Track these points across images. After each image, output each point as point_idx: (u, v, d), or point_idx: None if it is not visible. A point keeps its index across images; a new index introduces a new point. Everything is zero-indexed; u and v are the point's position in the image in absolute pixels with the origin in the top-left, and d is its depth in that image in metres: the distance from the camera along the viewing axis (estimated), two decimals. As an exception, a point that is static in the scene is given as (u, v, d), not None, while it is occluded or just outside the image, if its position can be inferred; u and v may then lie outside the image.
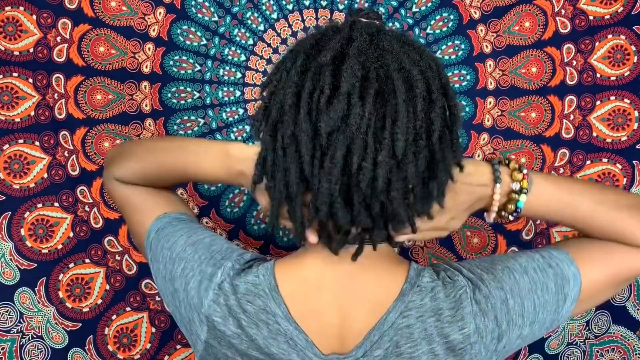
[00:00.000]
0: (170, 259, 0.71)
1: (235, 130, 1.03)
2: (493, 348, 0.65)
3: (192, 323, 0.68)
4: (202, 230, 0.75)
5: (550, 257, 0.68)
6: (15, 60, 0.96)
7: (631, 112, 1.05)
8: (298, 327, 0.64)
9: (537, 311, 0.66)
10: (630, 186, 1.06)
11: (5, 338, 0.98)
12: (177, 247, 0.72)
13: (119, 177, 0.81)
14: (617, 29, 1.03)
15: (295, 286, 0.66)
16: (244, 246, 1.05)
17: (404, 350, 0.63)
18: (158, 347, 1.04)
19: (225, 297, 0.65)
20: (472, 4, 1.03)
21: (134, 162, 0.81)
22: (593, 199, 0.70)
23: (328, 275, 0.66)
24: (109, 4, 0.98)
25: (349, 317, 0.65)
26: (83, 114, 0.99)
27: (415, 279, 0.65)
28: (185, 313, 0.69)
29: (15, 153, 0.97)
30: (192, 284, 0.68)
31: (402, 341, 0.63)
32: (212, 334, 0.66)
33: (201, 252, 0.70)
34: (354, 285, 0.65)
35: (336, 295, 0.65)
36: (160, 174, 0.79)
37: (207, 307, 0.65)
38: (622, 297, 1.08)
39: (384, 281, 0.66)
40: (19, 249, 0.98)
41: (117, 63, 0.99)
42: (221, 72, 1.02)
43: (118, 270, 1.02)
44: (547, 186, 0.69)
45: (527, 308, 0.65)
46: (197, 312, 0.67)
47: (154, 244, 0.75)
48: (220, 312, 0.65)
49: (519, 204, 0.67)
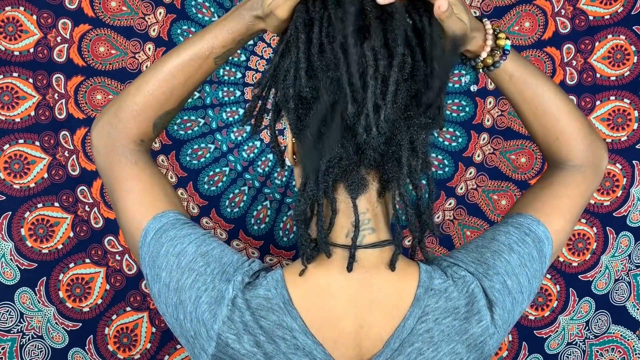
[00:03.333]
0: (178, 267, 0.69)
1: (235, 130, 1.03)
2: (504, 333, 0.67)
3: (197, 337, 0.66)
4: (208, 237, 0.73)
5: (521, 225, 0.70)
6: (16, 60, 0.96)
7: (631, 112, 1.05)
8: (316, 341, 0.63)
9: (531, 282, 0.68)
10: (630, 186, 1.06)
11: (5, 338, 0.98)
12: (186, 256, 0.69)
13: (125, 118, 0.73)
14: (617, 29, 1.03)
15: (309, 296, 0.65)
16: (244, 246, 1.05)
17: (427, 356, 0.63)
18: (158, 347, 1.04)
19: (240, 314, 0.64)
20: (472, 4, 1.03)
21: (147, 84, 0.73)
22: (551, 86, 0.73)
23: (341, 281, 0.65)
24: (109, 4, 0.98)
25: (366, 323, 0.65)
26: (83, 114, 0.99)
27: (428, 282, 0.65)
28: (191, 326, 0.67)
29: (15, 153, 0.97)
30: (204, 299, 0.66)
31: (424, 347, 0.63)
32: (223, 351, 0.65)
33: (213, 265, 0.68)
34: (368, 291, 0.65)
35: (351, 302, 0.65)
36: (185, 71, 0.72)
37: (220, 324, 0.64)
38: (622, 297, 1.08)
39: (398, 284, 0.65)
40: (19, 249, 0.98)
41: (118, 63, 0.99)
42: (221, 72, 1.02)
43: (118, 270, 1.02)
44: (519, 57, 0.72)
45: (523, 282, 0.68)
46: (205, 328, 0.65)
47: (154, 246, 0.72)
48: (234, 329, 0.64)
49: (506, 46, 0.68)
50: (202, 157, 1.03)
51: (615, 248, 1.08)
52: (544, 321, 1.09)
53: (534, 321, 1.09)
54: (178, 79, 0.73)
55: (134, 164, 0.73)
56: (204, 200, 1.03)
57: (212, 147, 1.03)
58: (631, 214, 1.07)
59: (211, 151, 1.03)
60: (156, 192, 0.74)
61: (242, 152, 1.04)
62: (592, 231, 1.08)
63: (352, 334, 0.65)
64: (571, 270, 1.08)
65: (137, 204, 0.73)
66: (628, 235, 1.07)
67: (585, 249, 1.08)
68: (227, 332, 0.64)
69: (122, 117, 0.73)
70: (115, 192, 0.74)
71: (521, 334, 1.09)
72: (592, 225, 1.08)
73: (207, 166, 1.03)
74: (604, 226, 1.07)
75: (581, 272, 1.08)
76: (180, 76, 0.72)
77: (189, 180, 1.03)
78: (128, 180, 0.73)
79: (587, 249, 1.08)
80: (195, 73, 0.73)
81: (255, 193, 1.05)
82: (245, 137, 1.04)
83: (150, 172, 0.74)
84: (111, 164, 0.74)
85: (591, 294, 1.08)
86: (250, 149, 1.04)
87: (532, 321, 1.09)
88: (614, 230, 1.07)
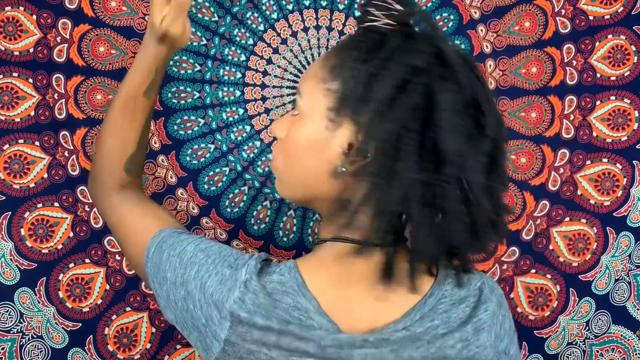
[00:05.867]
0: (180, 264, 0.70)
1: (235, 130, 1.03)
2: (495, 350, 0.69)
3: (209, 323, 0.67)
4: (206, 238, 0.76)
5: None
6: (15, 60, 0.96)
7: (631, 112, 1.05)
8: (331, 320, 0.65)
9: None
10: (630, 186, 1.06)
11: (5, 338, 0.98)
12: (187, 254, 0.71)
13: (111, 172, 0.83)
14: (617, 29, 1.03)
15: (325, 282, 0.67)
16: (244, 246, 1.05)
17: (440, 333, 0.66)
18: (158, 347, 1.04)
19: (254, 296, 0.65)
20: (472, 4, 1.03)
21: (101, 140, 0.83)
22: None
23: (358, 268, 0.67)
24: (109, 4, 0.98)
25: (386, 303, 0.67)
26: (83, 114, 0.99)
27: (445, 272, 0.70)
28: (202, 313, 0.67)
29: (15, 153, 0.97)
30: (209, 283, 0.67)
31: (441, 325, 0.66)
32: (235, 331, 0.65)
33: (214, 257, 0.70)
34: (388, 273, 0.67)
35: (369, 286, 0.67)
36: (125, 115, 0.81)
37: (232, 303, 0.65)
38: (622, 297, 1.08)
39: (418, 268, 0.68)
40: (19, 249, 0.98)
41: (118, 63, 0.99)
42: (221, 72, 1.02)
43: (118, 270, 1.02)
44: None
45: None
46: (217, 309, 0.66)
47: (156, 257, 0.74)
48: (246, 309, 0.65)
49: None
50: (202, 157, 1.03)
51: (616, 248, 1.08)
52: (544, 321, 1.09)
53: (534, 321, 1.09)
54: (122, 126, 0.81)
55: (120, 206, 0.82)
56: (204, 200, 1.03)
57: (212, 147, 1.03)
58: (631, 214, 1.07)
59: (211, 151, 1.03)
60: (149, 220, 0.80)
61: (242, 152, 1.04)
62: (592, 231, 1.08)
63: (369, 318, 0.67)
64: (571, 270, 1.08)
65: (134, 235, 0.80)
66: (628, 235, 1.07)
67: (585, 249, 1.08)
68: (240, 310, 0.65)
69: (95, 176, 0.85)
70: (115, 233, 0.85)
71: (521, 334, 1.09)
72: (592, 225, 1.08)
73: (207, 166, 1.03)
74: (604, 226, 1.07)
75: (581, 272, 1.08)
76: (122, 122, 0.83)
77: (189, 180, 1.03)
78: (121, 219, 0.82)
79: (587, 249, 1.08)
80: (134, 113, 0.81)
81: (255, 193, 1.05)
82: (245, 137, 1.04)
83: (138, 205, 0.83)
84: (104, 211, 0.85)
85: (591, 294, 1.08)
86: (250, 149, 1.04)
87: (532, 321, 1.09)
88: (614, 230, 1.07)
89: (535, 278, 1.08)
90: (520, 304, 1.09)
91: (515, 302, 1.09)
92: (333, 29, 1.04)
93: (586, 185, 1.07)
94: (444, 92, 0.61)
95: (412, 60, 0.62)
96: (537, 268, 1.08)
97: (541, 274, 1.08)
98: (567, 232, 1.08)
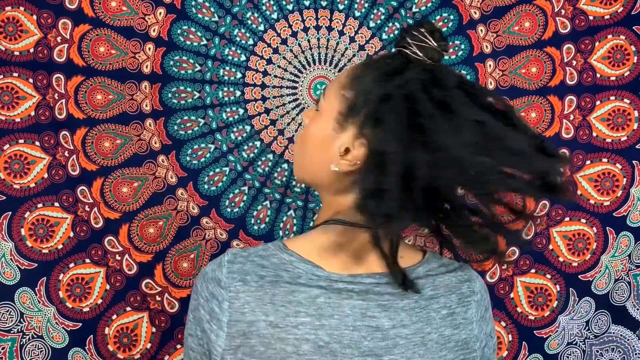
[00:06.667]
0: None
1: (235, 130, 1.04)
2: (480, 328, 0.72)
3: (211, 316, 0.67)
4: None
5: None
6: (16, 60, 0.96)
7: (631, 112, 1.05)
8: (316, 265, 0.68)
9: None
10: (630, 186, 1.06)
11: (5, 338, 0.98)
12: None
13: None
14: (617, 29, 1.03)
15: (308, 249, 0.70)
16: (243, 246, 1.05)
17: (427, 293, 0.70)
18: (158, 347, 1.04)
19: (240, 265, 0.67)
20: (472, 4, 1.03)
21: None
22: None
23: (346, 240, 0.70)
24: (109, 4, 0.98)
25: (372, 267, 0.70)
26: (83, 114, 0.99)
27: (433, 250, 0.77)
28: (204, 311, 0.68)
29: (15, 153, 0.97)
30: (202, 312, 0.68)
31: (429, 287, 0.70)
32: (236, 308, 0.66)
33: (191, 322, 0.72)
34: (376, 245, 0.69)
35: (356, 255, 0.70)
36: None
37: (225, 281, 0.67)
38: (622, 297, 1.08)
39: (405, 245, 0.73)
40: (19, 249, 0.98)
41: (118, 63, 0.99)
42: (221, 72, 1.02)
43: (118, 270, 1.02)
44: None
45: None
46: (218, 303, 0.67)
47: None
48: (237, 277, 0.67)
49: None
50: (202, 157, 1.03)
51: (615, 248, 1.08)
52: (544, 321, 1.09)
53: (534, 321, 1.09)
54: None
55: None
56: (204, 200, 1.03)
57: (212, 147, 1.03)
58: (631, 214, 1.07)
59: (211, 151, 1.03)
60: None
61: (242, 152, 1.04)
62: (592, 231, 1.08)
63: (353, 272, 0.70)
64: (571, 270, 1.08)
65: None
66: (628, 235, 1.08)
67: (585, 249, 1.08)
68: (233, 282, 0.67)
69: None
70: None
71: (521, 334, 1.09)
72: (592, 225, 1.08)
73: (207, 166, 1.03)
74: (604, 226, 1.08)
75: (581, 272, 1.08)
76: None
77: (189, 180, 1.03)
78: None
79: (587, 249, 1.08)
80: None
81: (255, 193, 1.05)
82: (245, 137, 1.04)
83: None
84: None
85: (591, 294, 1.09)
86: (250, 149, 1.04)
87: (532, 321, 1.09)
88: (614, 230, 1.07)
89: (535, 278, 1.09)
90: (520, 303, 1.09)
91: (515, 302, 1.09)
92: (333, 29, 1.04)
93: (586, 185, 1.07)
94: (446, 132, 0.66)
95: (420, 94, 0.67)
96: (537, 268, 1.08)
97: (541, 273, 1.08)
98: (567, 232, 1.08)
